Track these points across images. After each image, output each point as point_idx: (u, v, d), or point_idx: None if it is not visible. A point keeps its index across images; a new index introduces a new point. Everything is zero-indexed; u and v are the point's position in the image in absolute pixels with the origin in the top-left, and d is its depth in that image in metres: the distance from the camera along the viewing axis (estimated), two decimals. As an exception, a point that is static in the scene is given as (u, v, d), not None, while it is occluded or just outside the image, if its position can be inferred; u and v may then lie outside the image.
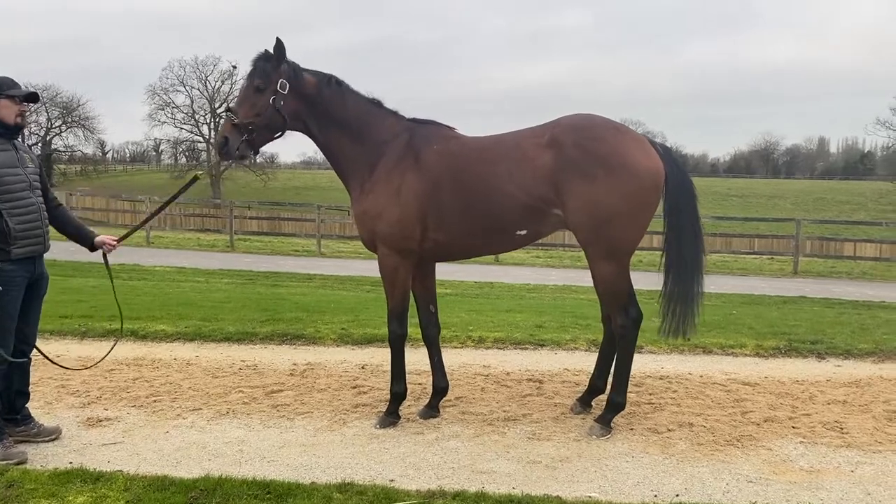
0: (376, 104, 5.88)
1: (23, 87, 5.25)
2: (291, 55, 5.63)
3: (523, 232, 5.58)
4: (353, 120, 5.74)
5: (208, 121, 61.71)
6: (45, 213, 5.29)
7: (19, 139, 5.32)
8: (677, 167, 5.56)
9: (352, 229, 29.20)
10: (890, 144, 61.15)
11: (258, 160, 61.25)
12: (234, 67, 56.66)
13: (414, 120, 5.89)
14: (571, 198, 5.27)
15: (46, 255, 5.42)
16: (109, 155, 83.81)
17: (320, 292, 14.55)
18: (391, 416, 5.81)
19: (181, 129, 61.53)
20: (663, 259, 5.67)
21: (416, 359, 7.31)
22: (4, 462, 5.01)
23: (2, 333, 5.06)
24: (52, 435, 5.45)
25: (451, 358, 7.87)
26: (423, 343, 6.23)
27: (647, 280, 7.53)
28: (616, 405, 5.64)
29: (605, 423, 5.62)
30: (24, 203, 5.09)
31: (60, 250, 5.11)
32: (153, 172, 79.56)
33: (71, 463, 5.03)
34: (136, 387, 6.76)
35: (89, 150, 67.16)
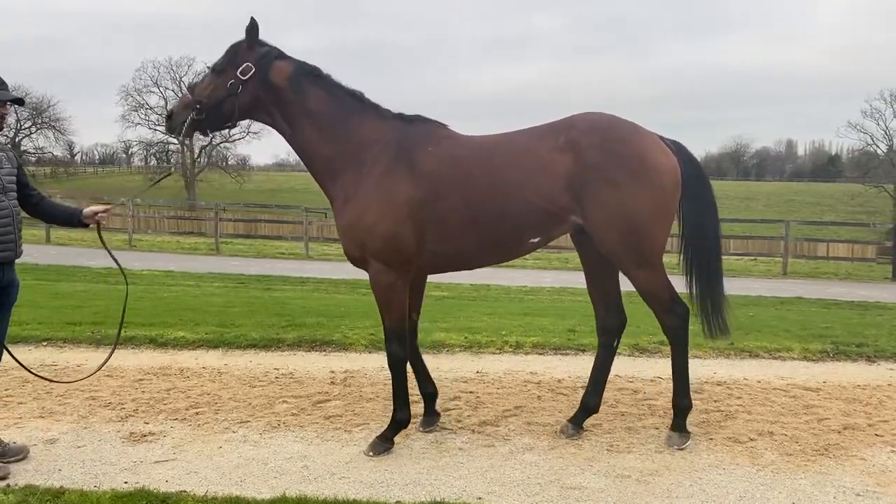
0: (357, 98, 5.30)
1: (9, 88, 4.88)
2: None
3: (536, 240, 5.18)
4: (331, 116, 5.19)
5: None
6: (19, 217, 4.89)
7: None
8: (692, 163, 5.28)
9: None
10: (861, 147, 61.62)
11: (231, 161, 61.12)
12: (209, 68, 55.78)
13: (400, 116, 5.31)
14: (595, 205, 4.92)
15: (28, 260, 5.04)
16: (78, 157, 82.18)
17: (322, 296, 14.21)
18: (386, 443, 5.24)
19: (155, 130, 60.44)
20: (683, 259, 5.39)
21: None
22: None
23: None
24: (19, 455, 5.01)
25: (493, 364, 7.61)
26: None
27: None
28: (684, 408, 5.38)
29: (682, 429, 5.36)
30: None
31: (42, 254, 4.74)
32: (125, 174, 78.28)
33: (127, 483, 4.65)
34: (172, 398, 6.37)
35: (58, 152, 65.89)
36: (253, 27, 5.17)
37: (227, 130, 5.61)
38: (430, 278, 5.77)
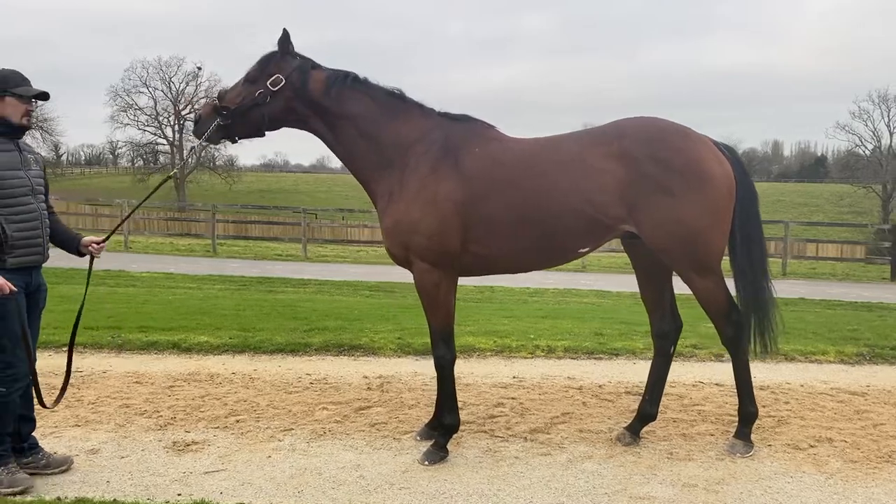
0: (399, 97, 5.20)
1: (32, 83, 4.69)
2: (240, 57, 5.12)
3: (585, 249, 5.10)
4: (372, 118, 5.11)
5: (172, 123, 60.31)
6: (47, 220, 4.75)
7: (24, 139, 4.78)
8: (742, 169, 5.17)
9: (338, 233, 28.68)
10: (850, 147, 62.11)
11: (219, 163, 60.66)
12: (199, 69, 55.56)
13: (445, 115, 5.22)
14: (651, 216, 4.82)
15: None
16: (64, 158, 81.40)
17: (327, 298, 14.06)
18: (441, 451, 5.08)
19: (144, 131, 60.03)
20: (732, 264, 5.25)
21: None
22: (9, 490, 4.52)
23: (11, 350, 4.52)
24: (63, 465, 4.86)
25: (527, 369, 7.49)
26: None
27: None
28: (750, 416, 5.28)
29: (746, 437, 5.26)
30: (25, 209, 4.55)
31: None
32: (113, 175, 77.65)
33: (181, 495, 4.50)
34: (208, 405, 6.21)
35: (44, 152, 65.21)
36: (285, 38, 5.08)
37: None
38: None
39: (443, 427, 5.20)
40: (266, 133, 5.28)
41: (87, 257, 5.20)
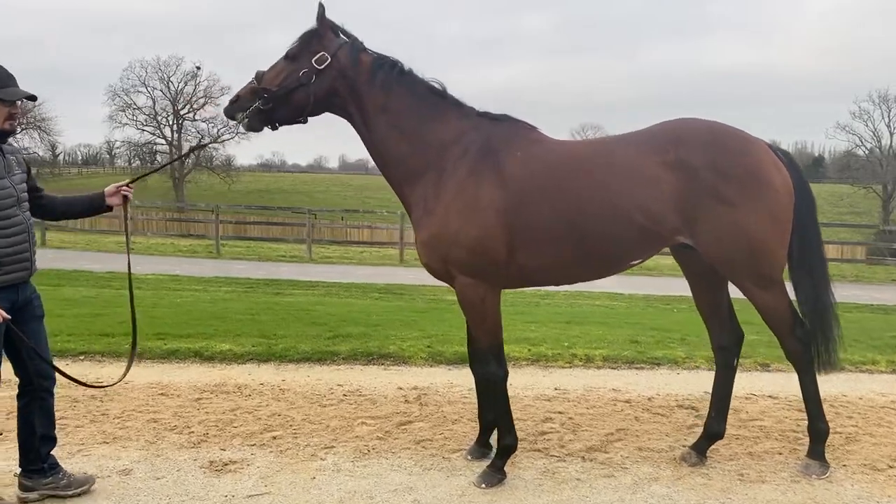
0: (439, 93, 4.81)
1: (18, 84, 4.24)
2: (236, 56, 4.77)
3: (637, 260, 4.79)
4: (409, 113, 4.73)
5: (171, 122, 59.83)
6: (33, 231, 4.31)
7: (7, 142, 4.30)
8: (799, 175, 4.87)
9: (338, 233, 28.33)
10: (850, 148, 61.98)
11: (216, 163, 60.17)
12: (199, 68, 55.12)
13: (485, 115, 4.83)
14: (709, 227, 4.51)
15: None
16: (61, 158, 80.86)
17: (338, 301, 13.76)
18: (499, 473, 4.77)
19: (143, 130, 59.57)
20: (791, 273, 4.96)
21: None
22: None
23: None
24: (85, 485, 4.53)
25: (568, 379, 7.19)
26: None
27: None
28: (822, 433, 4.96)
29: (821, 457, 4.95)
30: (10, 222, 4.12)
31: (39, 257, 4.19)
32: (110, 175, 76.97)
33: (227, 523, 4.18)
34: (241, 420, 5.88)
35: (41, 152, 64.69)
36: (322, 13, 4.70)
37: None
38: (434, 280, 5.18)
39: (500, 448, 4.87)
40: (308, 119, 4.88)
41: (117, 219, 4.83)
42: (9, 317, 4.07)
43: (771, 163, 4.66)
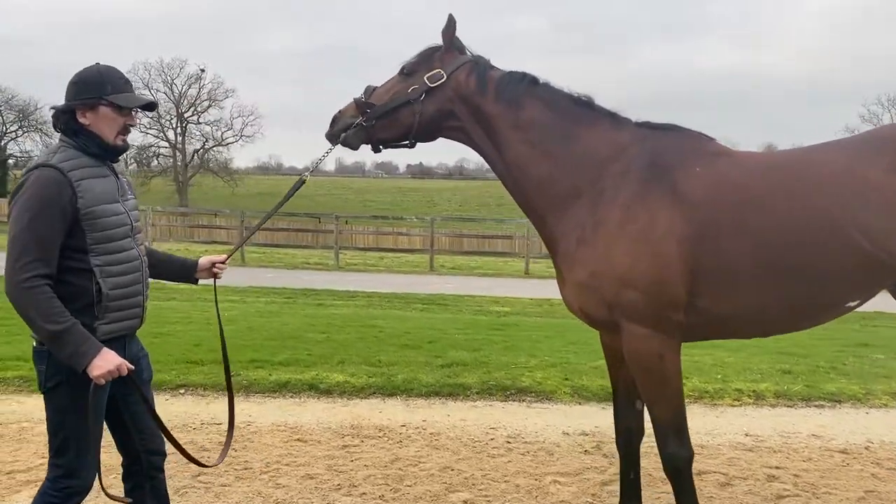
0: (586, 104, 3.92)
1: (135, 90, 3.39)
2: (238, 57, 3.82)
3: (855, 303, 3.78)
4: (551, 128, 3.86)
5: (174, 125, 58.76)
6: (147, 269, 3.39)
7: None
8: None
9: (364, 241, 27.39)
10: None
11: (212, 166, 58.99)
12: (203, 71, 54.08)
13: (646, 125, 3.91)
14: None
15: None
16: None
17: (385, 312, 13.00)
18: None
19: (146, 133, 58.48)
20: None
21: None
22: None
23: (76, 455, 3.13)
24: None
25: (748, 422, 6.29)
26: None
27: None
28: None
29: None
30: (125, 256, 3.22)
31: None
32: (108, 176, 75.85)
33: None
34: (410, 476, 4.96)
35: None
36: (451, 26, 3.90)
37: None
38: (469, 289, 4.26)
39: None
40: (416, 142, 4.03)
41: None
42: (132, 367, 3.10)
43: None
